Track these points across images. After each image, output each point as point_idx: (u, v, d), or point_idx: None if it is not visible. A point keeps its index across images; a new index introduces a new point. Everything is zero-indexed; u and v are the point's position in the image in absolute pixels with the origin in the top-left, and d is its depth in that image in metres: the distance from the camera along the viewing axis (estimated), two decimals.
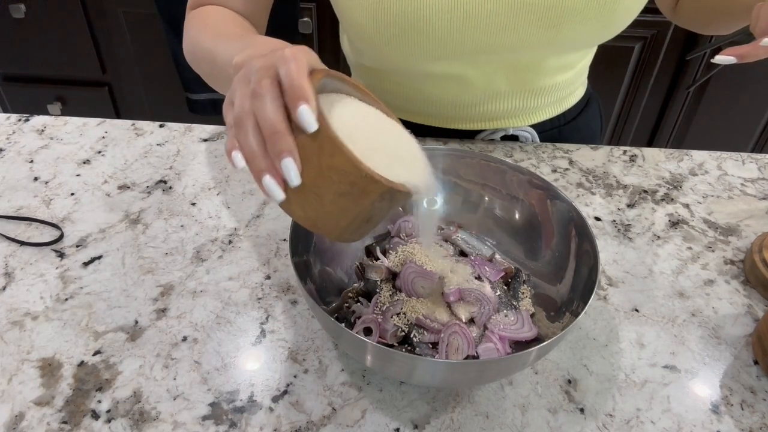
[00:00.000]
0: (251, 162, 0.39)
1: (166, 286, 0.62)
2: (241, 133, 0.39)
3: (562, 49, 0.70)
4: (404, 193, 0.40)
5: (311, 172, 0.38)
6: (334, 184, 0.38)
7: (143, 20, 1.56)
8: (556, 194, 0.57)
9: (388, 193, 0.39)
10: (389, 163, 0.40)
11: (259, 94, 0.38)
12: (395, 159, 0.41)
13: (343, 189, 0.38)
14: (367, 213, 0.40)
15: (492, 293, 0.55)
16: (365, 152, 0.38)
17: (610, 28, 0.68)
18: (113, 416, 0.51)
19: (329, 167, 0.37)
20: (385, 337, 0.52)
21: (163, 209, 0.71)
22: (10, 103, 1.77)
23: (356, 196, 0.38)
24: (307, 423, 0.51)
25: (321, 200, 0.39)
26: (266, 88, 0.38)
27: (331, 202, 0.39)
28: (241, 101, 0.39)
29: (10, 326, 0.57)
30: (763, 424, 0.52)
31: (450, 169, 0.63)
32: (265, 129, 0.38)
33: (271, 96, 0.38)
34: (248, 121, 0.39)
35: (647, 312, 0.61)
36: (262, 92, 0.38)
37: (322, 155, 0.37)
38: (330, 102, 0.42)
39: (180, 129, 0.83)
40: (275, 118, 0.38)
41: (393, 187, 0.39)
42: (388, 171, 0.39)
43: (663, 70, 1.60)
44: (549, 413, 0.52)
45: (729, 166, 0.81)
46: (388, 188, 0.38)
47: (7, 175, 0.75)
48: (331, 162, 0.37)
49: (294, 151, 0.37)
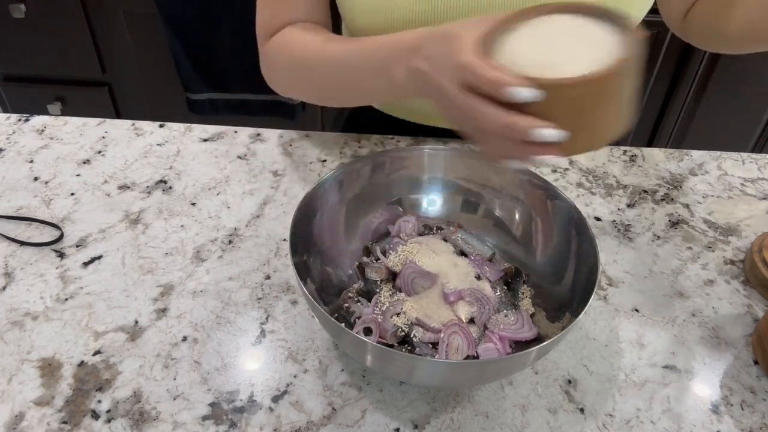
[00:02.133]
0: (516, 157, 0.43)
1: (166, 286, 0.62)
2: (491, 144, 0.44)
3: None
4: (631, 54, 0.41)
5: (563, 119, 0.40)
6: (584, 111, 0.41)
7: (143, 20, 1.56)
8: (556, 194, 0.57)
9: (623, 70, 0.40)
10: (589, 47, 0.42)
11: (473, 112, 0.43)
12: (590, 41, 0.43)
13: (591, 105, 0.40)
14: (624, 96, 0.42)
15: (492, 293, 0.55)
16: (573, 61, 0.40)
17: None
18: (113, 416, 0.51)
19: (569, 104, 0.40)
20: (385, 337, 0.52)
21: (163, 209, 0.71)
22: (10, 103, 1.77)
23: (606, 98, 0.41)
24: (307, 423, 0.51)
25: (588, 128, 0.42)
26: (471, 106, 0.43)
27: (594, 121, 0.42)
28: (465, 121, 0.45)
29: (10, 326, 0.57)
30: (763, 424, 0.52)
31: (450, 169, 0.63)
32: (497, 128, 0.41)
33: (481, 108, 0.42)
34: (489, 134, 0.43)
35: (647, 312, 0.61)
36: (475, 114, 0.43)
37: (555, 102, 0.39)
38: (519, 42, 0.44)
39: (180, 129, 0.83)
40: (497, 117, 0.41)
41: (622, 63, 0.40)
42: (597, 54, 0.41)
43: (663, 70, 1.59)
44: (549, 413, 0.52)
45: (729, 166, 0.80)
46: (619, 69, 0.40)
47: (7, 175, 0.75)
48: (567, 98, 0.40)
49: (536, 124, 0.40)
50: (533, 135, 0.40)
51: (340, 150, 0.80)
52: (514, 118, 0.40)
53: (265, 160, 0.78)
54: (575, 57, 0.41)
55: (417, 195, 0.64)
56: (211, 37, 1.54)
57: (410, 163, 0.62)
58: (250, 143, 0.81)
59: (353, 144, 0.81)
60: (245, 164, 0.77)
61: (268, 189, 0.74)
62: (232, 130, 0.83)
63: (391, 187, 0.63)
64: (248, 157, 0.79)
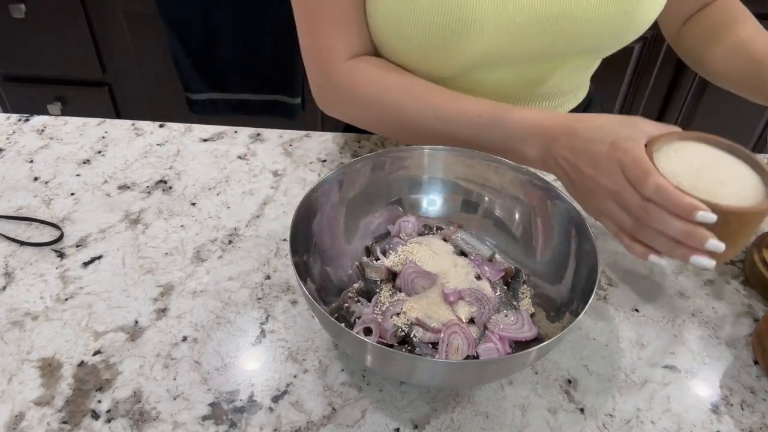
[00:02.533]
0: (672, 255, 0.50)
1: (166, 286, 0.62)
2: (649, 239, 0.50)
3: (580, 58, 0.71)
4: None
5: (725, 235, 0.48)
6: (742, 233, 0.50)
7: (143, 20, 1.55)
8: (556, 194, 0.57)
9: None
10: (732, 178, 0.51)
11: (647, 213, 0.49)
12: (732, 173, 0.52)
13: (746, 229, 0.50)
14: (756, 229, 0.52)
15: (492, 293, 0.55)
16: (723, 187, 0.50)
17: (625, 37, 0.69)
18: (113, 416, 0.51)
19: (737, 226, 0.49)
20: (385, 337, 0.52)
21: (163, 209, 0.71)
22: (10, 103, 1.77)
23: (759, 225, 0.50)
24: (307, 423, 0.51)
25: (734, 244, 0.50)
26: (650, 214, 0.49)
27: (744, 240, 0.51)
28: (621, 215, 0.52)
29: (10, 326, 0.57)
30: (763, 424, 0.52)
31: (450, 169, 0.63)
32: (673, 233, 0.48)
33: (663, 218, 0.48)
34: (648, 229, 0.50)
35: (647, 312, 0.61)
36: (651, 220, 0.49)
37: (725, 223, 0.47)
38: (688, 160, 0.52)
39: (180, 129, 0.83)
40: (676, 225, 0.48)
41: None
42: (740, 186, 0.51)
43: (663, 70, 1.60)
44: (549, 413, 0.52)
45: None
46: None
47: (7, 175, 0.75)
48: (737, 222, 0.48)
49: (709, 235, 0.47)
50: (708, 245, 0.47)
51: (340, 150, 0.80)
52: (694, 229, 0.47)
53: (265, 160, 0.78)
54: (725, 185, 0.50)
55: (417, 195, 0.64)
56: (211, 37, 1.54)
57: (410, 163, 0.62)
58: (250, 143, 0.81)
59: (353, 144, 0.81)
60: (245, 164, 0.77)
61: (268, 189, 0.74)
62: (232, 130, 0.83)
63: (391, 187, 0.63)
64: (248, 157, 0.79)
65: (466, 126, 0.63)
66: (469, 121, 0.62)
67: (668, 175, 0.49)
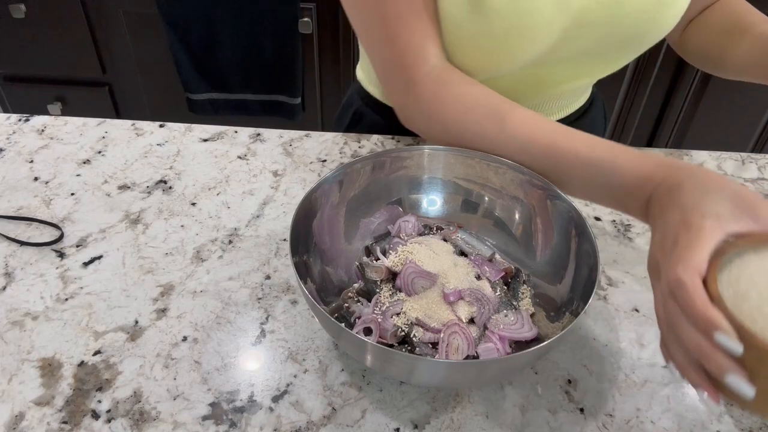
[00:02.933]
0: (684, 374, 0.40)
1: (166, 286, 0.62)
2: (672, 347, 0.41)
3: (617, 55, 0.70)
4: None
5: (761, 376, 0.36)
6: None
7: (143, 20, 1.56)
8: (556, 194, 0.57)
9: None
10: None
11: (674, 322, 0.39)
12: None
13: None
14: None
15: (492, 293, 0.55)
16: None
17: (648, 41, 0.68)
18: (113, 416, 0.51)
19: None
20: (385, 337, 0.52)
21: (163, 209, 0.71)
22: (10, 103, 1.77)
23: None
24: (307, 423, 0.51)
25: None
26: (665, 302, 0.41)
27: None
28: (667, 321, 0.41)
29: (10, 326, 0.58)
30: (762, 424, 0.52)
31: (450, 169, 0.63)
32: (690, 347, 0.38)
33: (683, 324, 0.39)
34: (673, 337, 0.40)
35: (647, 312, 0.61)
36: (676, 320, 0.39)
37: (760, 363, 0.35)
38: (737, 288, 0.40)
39: (180, 129, 0.83)
40: (694, 340, 0.38)
41: None
42: None
43: (663, 70, 1.60)
44: (549, 413, 0.52)
45: (729, 166, 0.80)
46: None
47: (7, 175, 0.75)
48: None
49: (731, 368, 0.36)
50: (726, 379, 0.36)
51: (340, 150, 0.80)
52: (712, 352, 0.37)
53: (265, 160, 0.78)
54: None
55: (417, 195, 0.64)
56: (211, 37, 1.54)
57: (410, 163, 0.62)
58: (250, 143, 0.81)
59: (353, 144, 0.81)
60: (245, 164, 0.77)
61: (268, 189, 0.74)
62: (232, 130, 0.83)
63: (391, 187, 0.63)
64: (248, 157, 0.79)
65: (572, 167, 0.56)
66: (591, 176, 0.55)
67: (723, 280, 0.39)
